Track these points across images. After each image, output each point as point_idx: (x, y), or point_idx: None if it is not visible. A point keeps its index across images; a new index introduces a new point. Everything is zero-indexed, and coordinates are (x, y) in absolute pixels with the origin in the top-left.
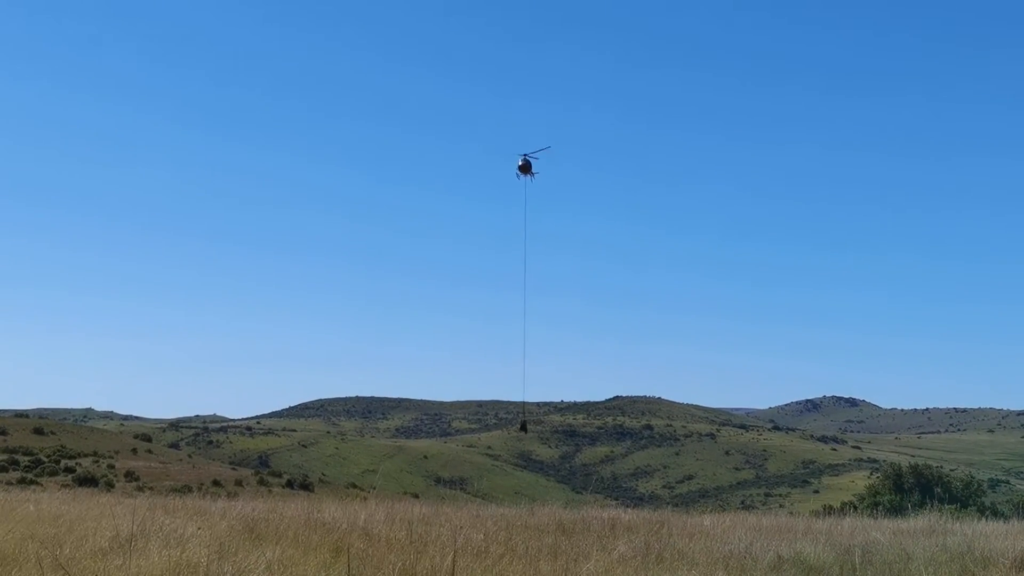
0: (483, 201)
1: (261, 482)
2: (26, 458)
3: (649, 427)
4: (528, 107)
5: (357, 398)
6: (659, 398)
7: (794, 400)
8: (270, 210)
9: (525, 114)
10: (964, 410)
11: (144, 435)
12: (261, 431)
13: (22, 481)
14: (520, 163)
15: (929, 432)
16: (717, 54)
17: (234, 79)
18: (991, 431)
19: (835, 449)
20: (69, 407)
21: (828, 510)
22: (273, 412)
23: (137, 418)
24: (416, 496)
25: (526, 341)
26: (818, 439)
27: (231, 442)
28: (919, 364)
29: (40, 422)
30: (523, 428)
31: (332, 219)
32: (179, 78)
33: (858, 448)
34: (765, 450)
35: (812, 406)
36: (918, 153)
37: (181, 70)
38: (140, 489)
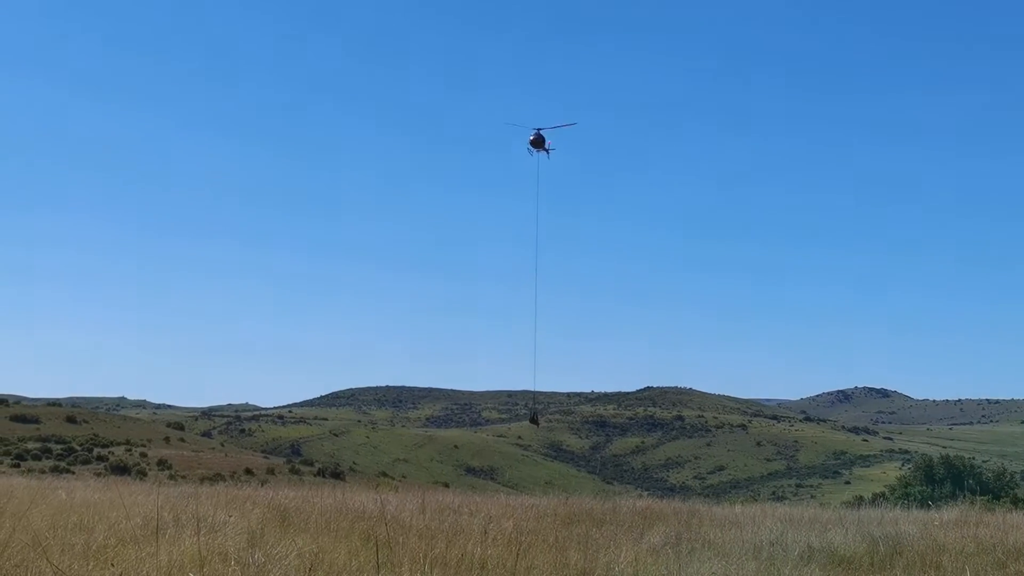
0: (514, 196)
1: (293, 471)
2: (59, 447)
3: (680, 418)
4: (540, 104)
5: (388, 387)
6: (690, 389)
7: (826, 391)
8: (298, 207)
9: (536, 111)
10: (997, 401)
11: (176, 424)
12: (293, 420)
13: (55, 469)
14: (532, 137)
15: (961, 423)
16: (743, 50)
17: (245, 81)
18: None
19: (866, 440)
20: (102, 396)
21: (859, 501)
22: (305, 401)
23: (170, 407)
24: (446, 485)
25: (536, 332)
26: (849, 430)
27: (263, 431)
28: (951, 355)
29: (73, 411)
30: (533, 420)
31: (366, 216)
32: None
33: (889, 439)
34: (796, 441)
35: (844, 397)
36: (946, 148)
37: (186, 71)
38: (172, 478)
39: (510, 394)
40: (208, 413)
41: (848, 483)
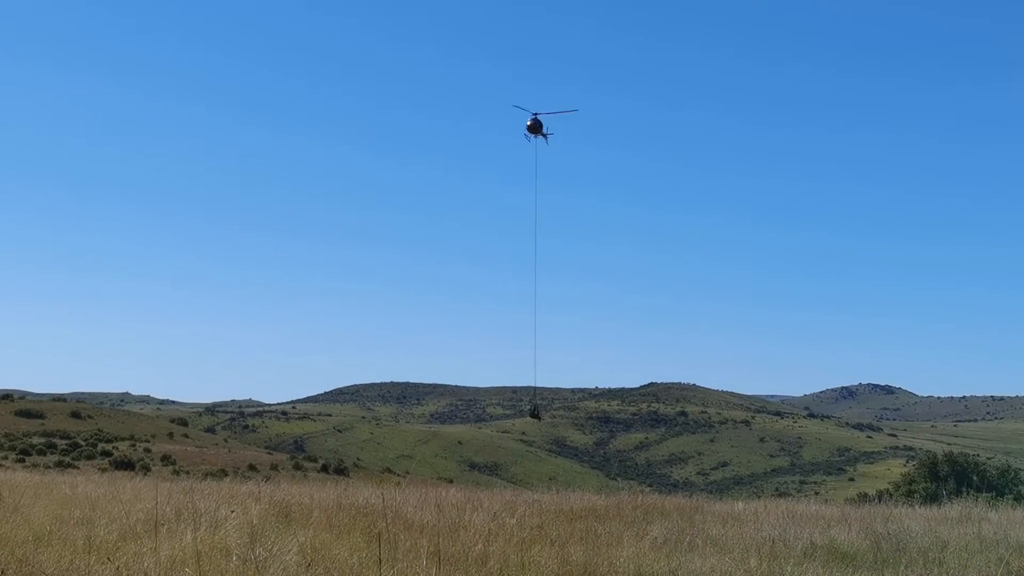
0: (518, 187)
1: (296, 467)
2: (64, 442)
3: (684, 414)
4: (551, 88)
5: (392, 383)
6: (694, 385)
7: (830, 387)
8: (304, 198)
9: (548, 95)
10: (1001, 398)
11: (180, 419)
12: (296, 416)
13: (59, 464)
14: (529, 123)
15: (966, 420)
16: (757, 36)
17: (266, 66)
18: None
19: (871, 437)
20: (106, 391)
21: (863, 498)
22: (309, 397)
23: (173, 402)
24: (450, 481)
25: (536, 322)
26: (853, 427)
27: (267, 427)
28: (956, 351)
29: (77, 406)
30: (534, 414)
31: (368, 206)
32: (211, 69)
33: (894, 436)
34: (800, 437)
35: (848, 393)
36: (952, 140)
37: (208, 59)
38: (176, 473)
39: (514, 390)
40: (212, 409)
41: (852, 480)
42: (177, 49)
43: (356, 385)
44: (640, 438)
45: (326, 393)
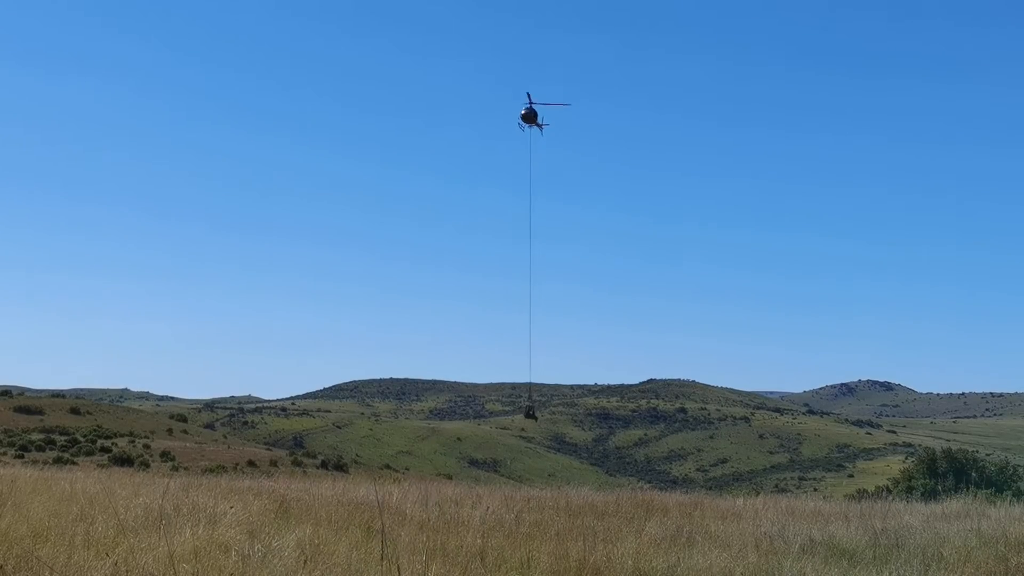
0: (517, 189)
1: (296, 463)
2: (63, 438)
3: (683, 410)
4: (547, 88)
5: (391, 380)
6: (693, 381)
7: (829, 384)
8: (303, 198)
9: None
10: (1000, 395)
11: (180, 416)
12: (296, 412)
13: (59, 460)
14: (523, 112)
15: (965, 417)
16: (744, 40)
17: (254, 70)
18: None
19: (870, 433)
20: (105, 388)
21: (862, 494)
22: (308, 393)
23: (173, 399)
24: (450, 477)
25: (532, 320)
26: (853, 423)
27: (266, 423)
28: (955, 348)
29: (77, 402)
30: (530, 414)
31: (368, 207)
32: (208, 72)
33: (893, 432)
34: (799, 434)
35: (847, 390)
36: (951, 141)
37: (204, 63)
38: (175, 469)
39: (513, 386)
40: (211, 405)
41: (851, 476)
42: (174, 56)
43: (355, 381)
44: (639, 434)
45: (325, 389)
